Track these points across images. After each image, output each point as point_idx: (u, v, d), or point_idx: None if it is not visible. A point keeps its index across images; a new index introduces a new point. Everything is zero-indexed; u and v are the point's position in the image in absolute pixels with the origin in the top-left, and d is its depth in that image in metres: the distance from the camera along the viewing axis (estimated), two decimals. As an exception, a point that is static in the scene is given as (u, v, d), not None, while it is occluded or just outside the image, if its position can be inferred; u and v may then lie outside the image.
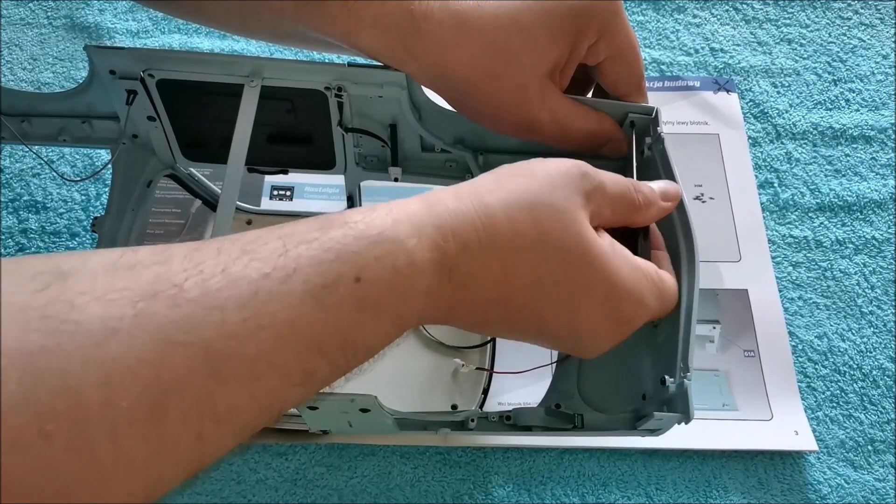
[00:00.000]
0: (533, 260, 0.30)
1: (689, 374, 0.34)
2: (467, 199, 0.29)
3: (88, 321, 0.21)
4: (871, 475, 0.49)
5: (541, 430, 0.39)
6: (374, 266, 0.26)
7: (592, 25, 0.38)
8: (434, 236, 0.28)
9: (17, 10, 0.68)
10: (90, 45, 0.41)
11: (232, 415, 0.23)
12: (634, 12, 0.70)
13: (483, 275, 0.29)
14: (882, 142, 0.63)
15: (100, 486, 0.20)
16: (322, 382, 0.26)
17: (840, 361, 0.53)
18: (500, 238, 0.29)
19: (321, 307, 0.25)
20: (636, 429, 0.36)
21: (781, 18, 0.70)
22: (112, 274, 0.22)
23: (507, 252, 0.29)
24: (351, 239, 0.26)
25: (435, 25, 0.36)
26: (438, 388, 0.50)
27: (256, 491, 0.47)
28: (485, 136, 0.45)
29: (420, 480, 0.47)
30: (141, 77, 0.42)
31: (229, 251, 0.25)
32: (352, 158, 0.48)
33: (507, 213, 0.29)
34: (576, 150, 0.41)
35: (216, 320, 0.23)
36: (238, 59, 0.42)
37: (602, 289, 0.31)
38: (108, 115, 0.46)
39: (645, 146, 0.40)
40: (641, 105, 0.41)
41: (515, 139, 0.43)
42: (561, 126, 0.39)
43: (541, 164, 0.32)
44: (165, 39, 0.66)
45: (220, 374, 0.22)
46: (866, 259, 0.57)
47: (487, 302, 0.30)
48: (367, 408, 0.36)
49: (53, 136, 0.47)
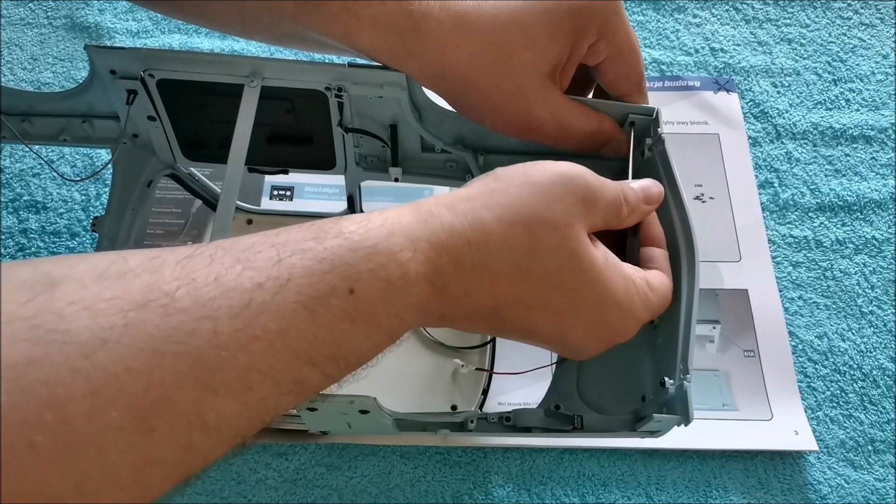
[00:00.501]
0: (526, 276, 0.30)
1: (688, 375, 0.33)
2: (462, 212, 0.29)
3: (77, 331, 0.21)
4: (871, 475, 0.49)
5: (540, 432, 0.39)
6: (368, 278, 0.26)
7: (592, 25, 0.37)
8: (428, 251, 0.28)
9: (17, 10, 0.68)
10: (90, 45, 0.41)
11: (221, 424, 0.23)
12: (635, 12, 0.70)
13: (475, 290, 0.29)
14: (882, 142, 0.63)
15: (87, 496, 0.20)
16: (313, 391, 0.26)
17: (840, 361, 0.53)
18: (494, 255, 0.29)
19: (314, 318, 0.25)
20: (636, 430, 0.36)
21: (781, 18, 0.70)
22: (102, 282, 0.22)
23: (501, 268, 0.29)
24: (345, 250, 0.26)
25: (434, 25, 0.36)
26: (438, 388, 0.50)
27: (256, 491, 0.47)
28: (485, 137, 0.45)
29: (420, 480, 0.47)
30: (141, 77, 0.42)
31: (222, 260, 0.24)
32: (352, 158, 0.48)
33: (502, 230, 0.29)
34: (576, 150, 0.41)
35: (207, 330, 0.22)
36: (238, 60, 0.42)
37: (592, 302, 0.31)
38: (108, 115, 0.46)
39: (645, 147, 0.40)
40: (642, 106, 0.41)
41: (515, 139, 0.43)
42: (561, 126, 0.39)
43: (539, 172, 0.31)
44: (166, 39, 0.66)
45: (210, 385, 0.22)
46: (866, 259, 0.57)
47: (477, 311, 0.30)
48: (366, 409, 0.36)
49: (54, 136, 0.47)
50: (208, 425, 0.22)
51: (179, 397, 0.22)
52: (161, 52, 0.42)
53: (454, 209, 0.29)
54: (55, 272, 0.22)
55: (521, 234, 0.29)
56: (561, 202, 0.30)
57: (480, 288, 0.29)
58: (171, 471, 0.22)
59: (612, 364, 0.40)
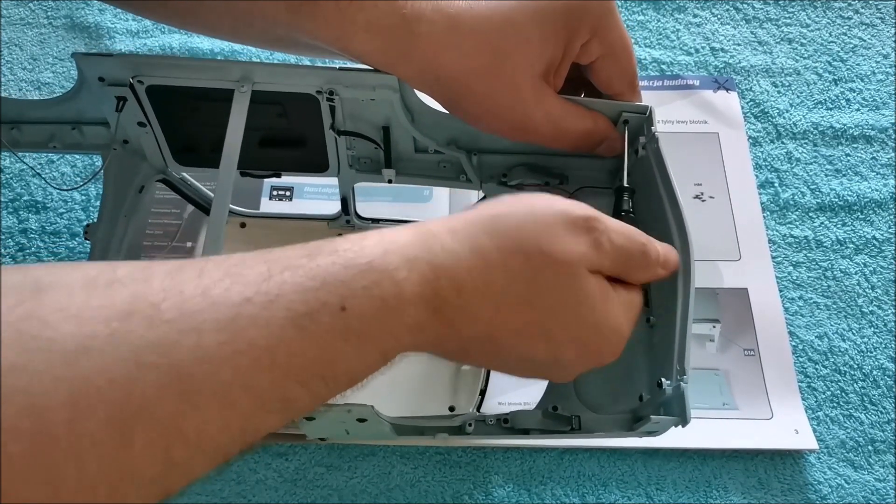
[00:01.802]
0: (525, 307, 0.29)
1: (685, 376, 0.33)
2: (463, 238, 0.29)
3: (61, 339, 0.20)
4: (871, 475, 0.49)
5: (538, 433, 0.39)
6: (361, 295, 0.25)
7: (585, 24, 0.37)
8: (426, 272, 0.27)
9: (17, 10, 0.68)
10: (77, 54, 0.41)
11: (203, 440, 0.22)
12: (635, 12, 0.70)
13: (472, 316, 0.29)
14: (882, 141, 0.62)
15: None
16: (301, 410, 0.25)
17: (840, 361, 0.53)
18: (495, 285, 0.29)
19: (303, 335, 0.24)
20: (633, 431, 0.36)
21: (782, 18, 0.70)
22: (90, 291, 0.22)
23: (499, 298, 0.29)
24: (339, 267, 0.25)
25: (427, 27, 0.36)
26: (436, 389, 0.50)
27: (256, 491, 0.47)
28: (478, 137, 0.45)
29: (420, 481, 0.47)
30: (130, 83, 0.41)
31: (212, 273, 0.24)
32: (345, 161, 0.48)
33: (504, 259, 0.29)
34: (570, 150, 0.41)
35: (191, 343, 0.22)
36: (228, 65, 0.41)
37: (589, 334, 0.31)
38: (98, 121, 0.46)
39: (639, 145, 0.40)
40: (635, 104, 0.41)
41: (508, 141, 0.43)
42: (556, 126, 0.39)
43: (545, 206, 0.31)
44: (166, 40, 0.66)
45: (191, 398, 0.22)
46: (867, 259, 0.57)
47: (472, 339, 0.29)
48: (363, 417, 0.36)
49: (44, 143, 0.47)
50: (189, 440, 0.22)
51: (159, 410, 0.21)
52: (149, 59, 0.41)
53: (455, 233, 0.29)
54: (45, 279, 0.22)
55: (522, 268, 0.29)
56: (562, 241, 0.30)
57: (480, 315, 0.29)
58: (149, 487, 0.22)
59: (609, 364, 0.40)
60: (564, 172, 0.46)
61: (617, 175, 0.44)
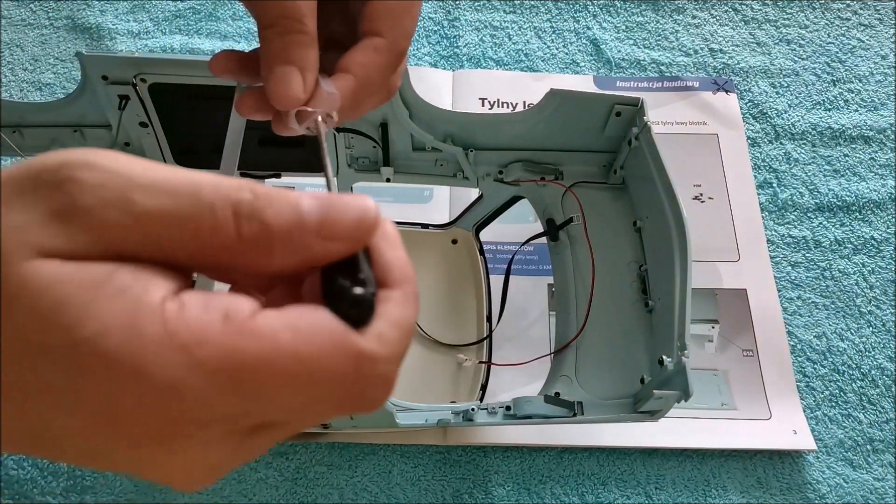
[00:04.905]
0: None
1: (686, 351, 0.34)
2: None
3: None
4: (869, 474, 0.49)
5: (541, 419, 0.39)
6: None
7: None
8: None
9: (18, 11, 0.68)
10: (82, 53, 0.41)
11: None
12: (634, 13, 0.70)
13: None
14: (881, 142, 0.63)
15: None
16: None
17: (839, 361, 0.53)
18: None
19: None
20: (636, 412, 0.36)
21: (780, 19, 0.70)
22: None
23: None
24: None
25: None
26: (437, 385, 0.50)
27: (257, 490, 0.47)
28: (474, 134, 0.46)
29: (420, 479, 0.47)
30: (133, 82, 0.42)
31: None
32: (343, 160, 0.48)
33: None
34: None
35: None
36: None
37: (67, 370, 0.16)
38: (99, 124, 0.46)
39: (632, 136, 0.41)
40: (627, 96, 0.42)
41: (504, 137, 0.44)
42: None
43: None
44: (167, 40, 0.66)
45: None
46: (865, 259, 0.57)
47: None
48: None
49: (45, 147, 0.47)
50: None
51: None
52: (152, 58, 0.42)
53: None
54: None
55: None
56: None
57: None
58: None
59: (609, 349, 0.40)
60: (559, 168, 0.47)
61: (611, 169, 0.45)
